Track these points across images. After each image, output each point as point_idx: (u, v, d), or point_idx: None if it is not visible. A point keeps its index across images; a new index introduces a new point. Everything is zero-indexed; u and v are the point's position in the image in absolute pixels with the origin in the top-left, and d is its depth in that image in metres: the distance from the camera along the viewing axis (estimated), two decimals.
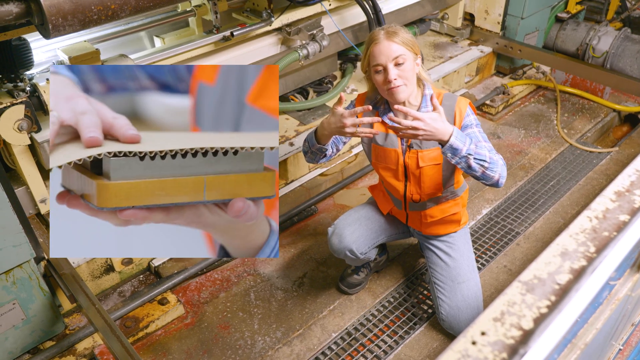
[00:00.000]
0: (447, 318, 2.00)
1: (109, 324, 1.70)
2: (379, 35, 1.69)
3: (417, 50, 1.72)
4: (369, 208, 2.12)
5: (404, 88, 1.69)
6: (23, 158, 1.99)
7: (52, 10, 1.34)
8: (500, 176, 1.68)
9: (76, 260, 2.11)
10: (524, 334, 0.66)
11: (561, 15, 3.89)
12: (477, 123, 1.78)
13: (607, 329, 1.21)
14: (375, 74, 1.71)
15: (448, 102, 1.78)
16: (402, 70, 1.67)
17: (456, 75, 3.54)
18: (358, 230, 2.02)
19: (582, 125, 3.39)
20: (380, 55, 1.67)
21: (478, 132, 1.75)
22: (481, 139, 1.73)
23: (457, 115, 1.76)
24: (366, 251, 2.05)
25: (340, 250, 2.02)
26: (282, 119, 2.95)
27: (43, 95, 1.88)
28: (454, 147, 1.60)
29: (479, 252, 2.48)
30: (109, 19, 1.45)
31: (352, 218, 2.06)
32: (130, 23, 2.40)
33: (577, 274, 0.74)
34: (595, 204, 0.85)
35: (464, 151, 1.61)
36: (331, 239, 2.04)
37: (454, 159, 1.63)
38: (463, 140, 1.61)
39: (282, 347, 2.07)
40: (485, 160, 1.64)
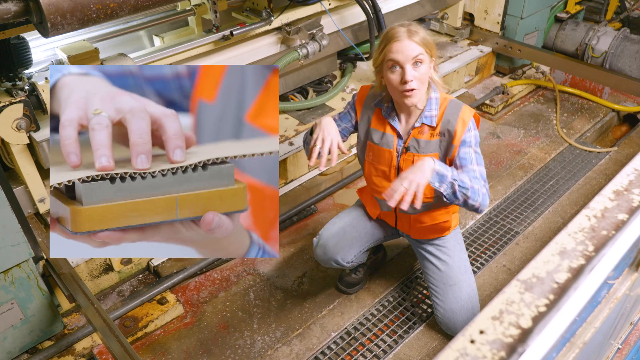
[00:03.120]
0: (443, 320, 2.00)
1: (108, 323, 1.69)
2: (401, 33, 1.62)
3: (434, 53, 1.67)
4: (355, 214, 2.07)
5: (417, 92, 1.65)
6: (22, 157, 1.99)
7: (50, 9, 1.34)
8: (481, 204, 1.67)
9: (75, 260, 2.11)
10: (522, 333, 0.66)
11: (560, 15, 3.89)
12: (477, 141, 1.74)
13: (606, 328, 1.21)
14: (390, 72, 1.65)
15: (453, 110, 1.73)
16: (418, 71, 1.63)
17: (456, 75, 3.54)
18: (342, 240, 1.99)
19: (581, 125, 3.39)
20: (399, 53, 1.61)
21: (474, 152, 1.72)
22: (474, 161, 1.71)
23: (459, 125, 1.72)
24: (352, 260, 2.03)
25: (326, 261, 2.01)
26: (282, 119, 2.94)
27: (42, 94, 1.87)
28: (440, 174, 1.59)
29: (478, 251, 2.48)
30: (108, 17, 1.44)
31: (337, 227, 2.01)
32: (129, 22, 2.40)
33: (576, 273, 0.74)
34: (594, 203, 0.85)
35: (449, 177, 1.60)
36: (316, 250, 2.02)
37: (442, 186, 1.61)
38: (446, 168, 1.61)
39: (281, 347, 2.07)
40: (467, 188, 1.63)
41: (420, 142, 1.76)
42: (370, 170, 1.91)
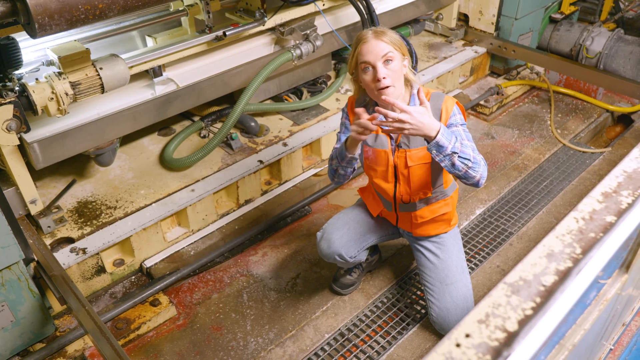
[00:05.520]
0: (438, 319, 1.99)
1: (99, 326, 1.68)
2: (367, 35, 1.69)
3: (404, 51, 1.72)
4: (357, 210, 2.10)
5: (392, 90, 1.68)
6: (12, 158, 1.98)
7: (38, 10, 1.32)
8: (482, 176, 1.69)
9: (66, 262, 2.09)
10: (508, 336, 0.66)
11: (555, 16, 3.90)
12: (463, 123, 1.78)
13: (597, 329, 1.21)
14: (364, 74, 1.70)
15: (435, 100, 1.78)
16: (390, 69, 1.67)
17: (450, 76, 3.54)
18: (347, 234, 2.01)
19: (575, 125, 3.39)
20: (368, 53, 1.67)
21: (462, 130, 1.75)
22: (465, 138, 1.73)
23: (443, 113, 1.76)
24: (355, 254, 2.04)
25: (330, 255, 2.01)
26: (276, 120, 2.94)
27: (32, 95, 1.86)
28: (439, 144, 1.59)
29: (472, 252, 2.48)
30: (97, 18, 1.43)
31: (341, 222, 2.04)
32: (121, 22, 2.39)
33: (563, 276, 0.73)
34: (582, 205, 0.85)
35: (449, 149, 1.60)
36: (320, 243, 2.03)
37: (439, 156, 1.62)
38: (449, 138, 1.60)
39: (274, 348, 2.06)
40: (469, 159, 1.64)
41: (409, 137, 1.79)
42: (369, 173, 1.95)
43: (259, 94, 2.94)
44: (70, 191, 2.43)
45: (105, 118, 2.27)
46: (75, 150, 2.24)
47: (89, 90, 1.99)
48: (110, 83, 2.03)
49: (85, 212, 2.33)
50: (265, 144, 2.75)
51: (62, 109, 1.95)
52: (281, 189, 2.76)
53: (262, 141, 2.78)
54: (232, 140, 2.70)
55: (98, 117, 2.24)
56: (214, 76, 2.58)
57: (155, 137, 2.81)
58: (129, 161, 2.64)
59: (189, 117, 2.93)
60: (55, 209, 2.25)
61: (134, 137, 2.75)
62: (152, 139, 2.80)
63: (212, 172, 2.56)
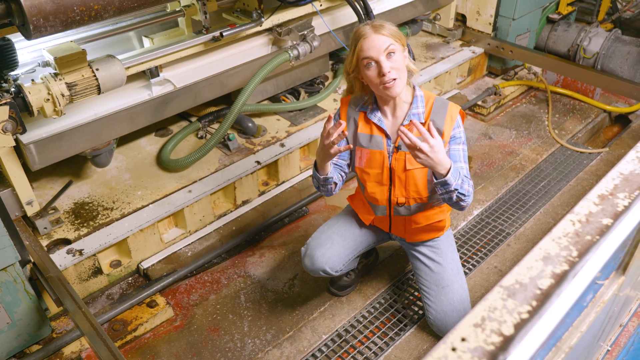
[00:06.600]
0: (435, 322, 1.99)
1: (96, 327, 1.67)
2: (366, 30, 1.66)
3: (403, 41, 1.71)
4: (343, 221, 2.05)
5: (398, 82, 1.66)
6: (8, 160, 1.97)
7: (32, 11, 1.31)
8: (467, 205, 1.74)
9: (63, 263, 2.08)
10: (504, 340, 0.65)
11: (552, 17, 3.90)
12: (465, 138, 1.80)
13: (594, 331, 1.20)
14: (367, 70, 1.67)
15: (440, 107, 1.77)
16: (393, 62, 1.65)
17: (448, 76, 3.54)
18: (330, 249, 1.97)
19: (572, 125, 3.40)
20: (370, 49, 1.64)
21: (462, 149, 1.77)
22: (462, 159, 1.76)
23: (448, 121, 1.75)
24: (341, 268, 2.01)
25: (314, 271, 1.99)
26: (273, 120, 2.93)
27: (28, 97, 1.85)
28: (447, 183, 1.63)
29: (469, 252, 2.48)
30: (92, 19, 1.42)
31: (325, 236, 2.00)
32: (118, 23, 2.38)
33: (559, 279, 0.73)
34: (578, 207, 0.85)
35: (452, 187, 1.64)
36: (304, 260, 2.01)
37: (440, 190, 1.67)
38: (455, 177, 1.63)
39: (272, 350, 2.05)
40: (465, 194, 1.69)
41: None
42: (362, 177, 1.90)
43: (256, 95, 2.93)
44: (66, 192, 2.42)
45: (102, 119, 2.26)
46: (71, 152, 2.23)
47: (85, 91, 1.98)
48: (106, 84, 2.02)
49: (81, 213, 2.32)
50: (263, 145, 2.74)
51: (58, 110, 1.94)
52: (279, 189, 2.75)
53: (260, 142, 2.77)
54: (230, 141, 2.69)
55: (95, 118, 2.24)
56: (211, 77, 2.57)
57: (152, 138, 2.80)
58: (125, 162, 2.63)
59: (186, 117, 2.92)
60: (51, 210, 2.24)
61: (131, 137, 2.75)
62: (149, 139, 2.79)
63: (209, 173, 2.56)
